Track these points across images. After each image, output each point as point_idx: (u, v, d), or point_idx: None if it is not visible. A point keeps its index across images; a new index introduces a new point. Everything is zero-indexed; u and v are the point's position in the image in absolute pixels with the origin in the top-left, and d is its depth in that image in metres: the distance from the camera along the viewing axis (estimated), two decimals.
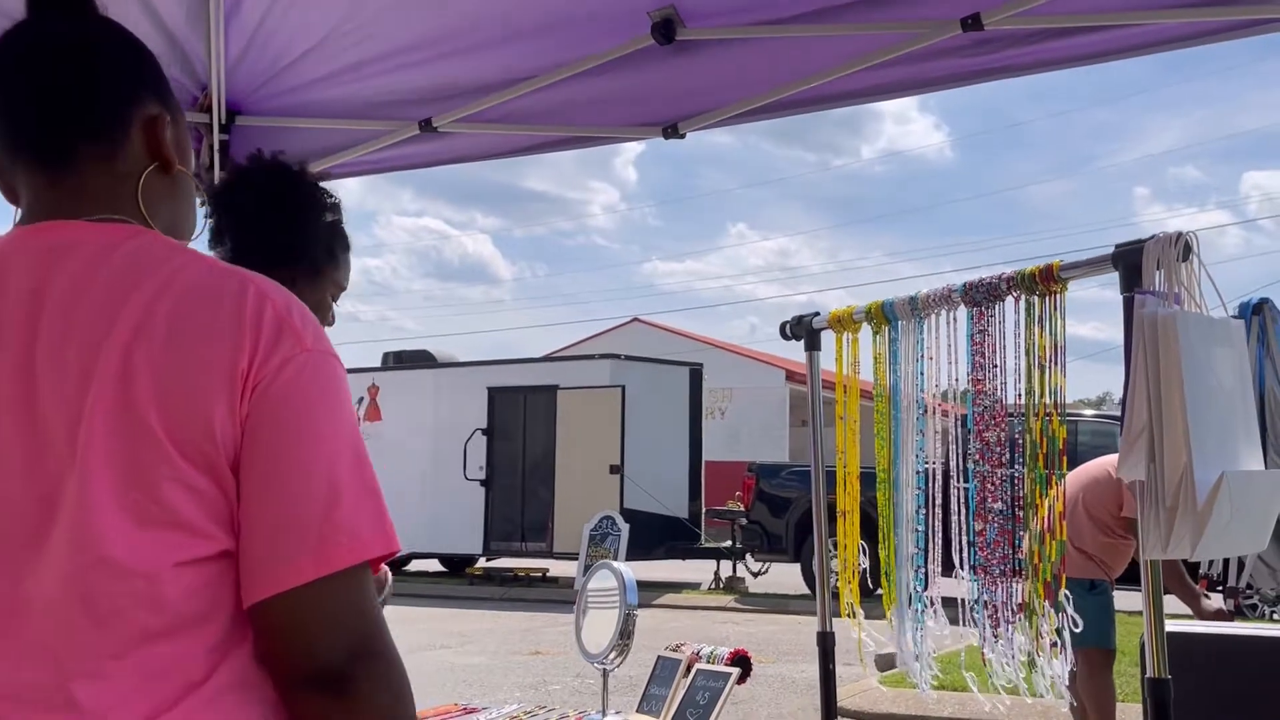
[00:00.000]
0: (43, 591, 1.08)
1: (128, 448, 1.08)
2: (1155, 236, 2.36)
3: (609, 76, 3.23)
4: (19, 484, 1.10)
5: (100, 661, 1.07)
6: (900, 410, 3.01)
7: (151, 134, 1.26)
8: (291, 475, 1.12)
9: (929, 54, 2.91)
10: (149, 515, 1.08)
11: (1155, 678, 2.34)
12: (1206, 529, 2.15)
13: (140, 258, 1.17)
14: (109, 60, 1.27)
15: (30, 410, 1.10)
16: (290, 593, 1.10)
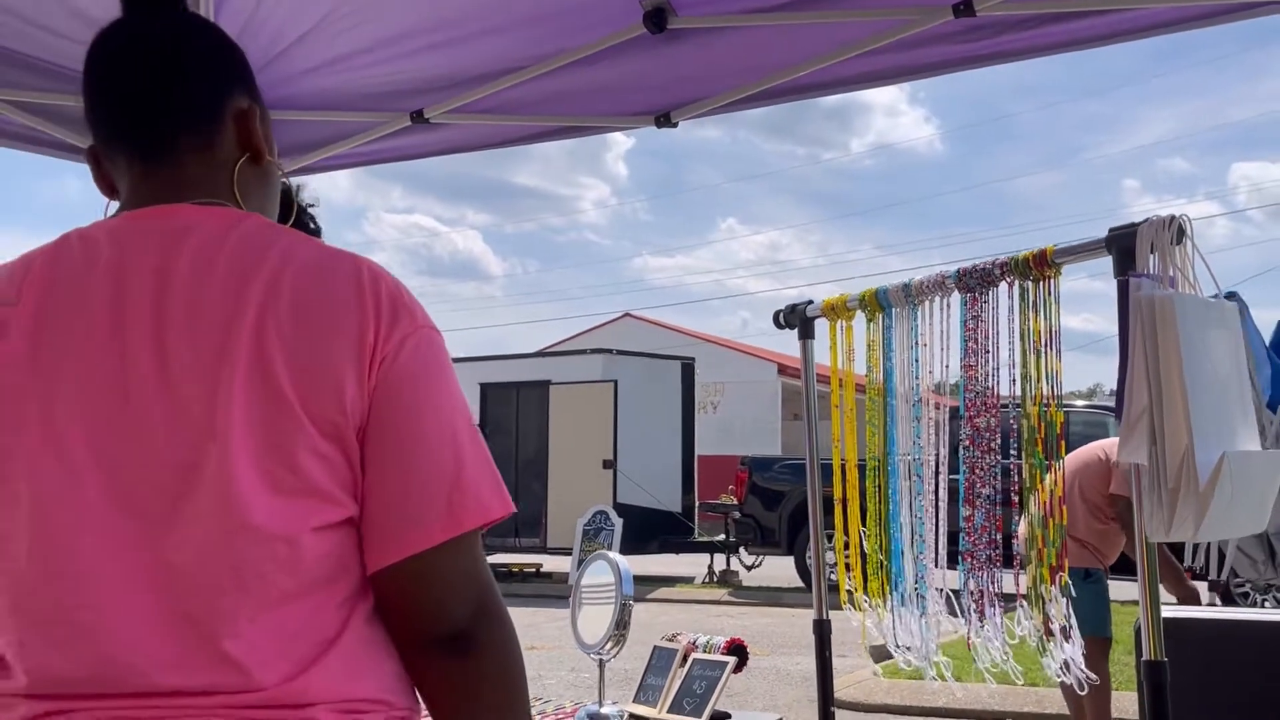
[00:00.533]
0: (184, 558, 1.12)
1: (265, 417, 1.13)
2: (1149, 220, 2.36)
3: (601, 66, 3.22)
4: (159, 455, 1.13)
5: (242, 623, 1.12)
6: (895, 397, 3.01)
7: (244, 126, 1.32)
8: (419, 444, 1.18)
9: (921, 40, 2.91)
10: (286, 483, 1.13)
11: (1152, 660, 2.34)
12: (1209, 510, 2.15)
13: (255, 238, 1.22)
14: (203, 55, 1.32)
15: (165, 384, 1.14)
16: (420, 556, 1.16)
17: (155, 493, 1.13)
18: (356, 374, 1.15)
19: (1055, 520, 2.63)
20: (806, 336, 3.37)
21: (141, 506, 1.13)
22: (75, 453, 1.14)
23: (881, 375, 3.02)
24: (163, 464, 1.13)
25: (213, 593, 1.12)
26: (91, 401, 1.15)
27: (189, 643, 1.12)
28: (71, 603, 1.12)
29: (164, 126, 1.29)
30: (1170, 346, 2.20)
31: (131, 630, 1.12)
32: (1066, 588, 2.61)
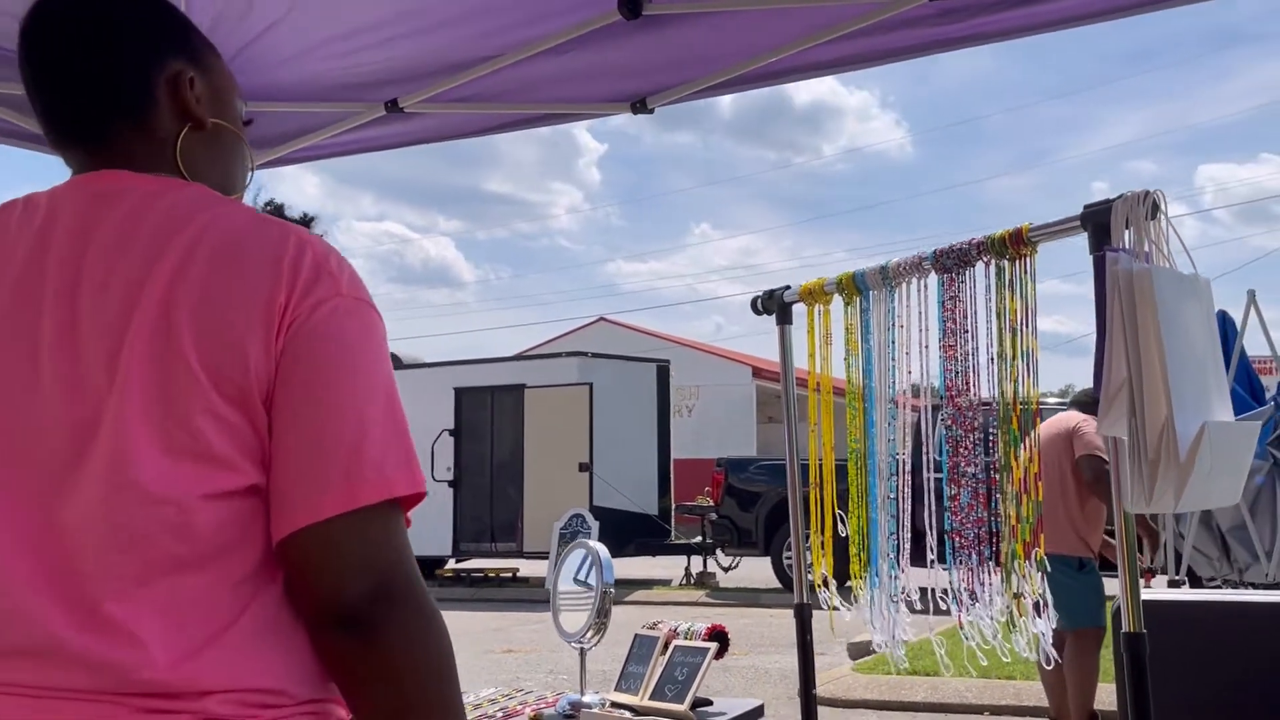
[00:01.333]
0: (74, 516, 1.10)
1: (163, 378, 1.10)
2: (1123, 195, 2.37)
3: (576, 52, 3.21)
4: (57, 411, 1.12)
5: (129, 586, 1.09)
6: (873, 380, 3.01)
7: (176, 95, 1.28)
8: (322, 411, 1.13)
9: (895, 24, 2.92)
10: (180, 445, 1.10)
11: (1131, 632, 2.35)
12: (1189, 481, 2.16)
13: (185, 204, 1.20)
14: (123, 31, 1.27)
15: (72, 342, 1.13)
16: (316, 527, 1.11)
17: (51, 449, 1.11)
18: (263, 336, 1.13)
19: (1030, 497, 2.64)
20: (784, 322, 3.38)
21: (35, 462, 1.12)
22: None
23: (860, 357, 3.03)
24: (61, 421, 1.12)
25: (99, 552, 1.09)
26: (5, 361, 1.14)
27: (73, 601, 1.08)
28: None
29: (94, 114, 1.26)
30: (1148, 319, 2.22)
31: (18, 586, 1.09)
32: (1041, 563, 2.62)
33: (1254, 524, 6.71)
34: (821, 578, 3.22)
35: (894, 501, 2.98)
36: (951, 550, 2.77)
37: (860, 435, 3.07)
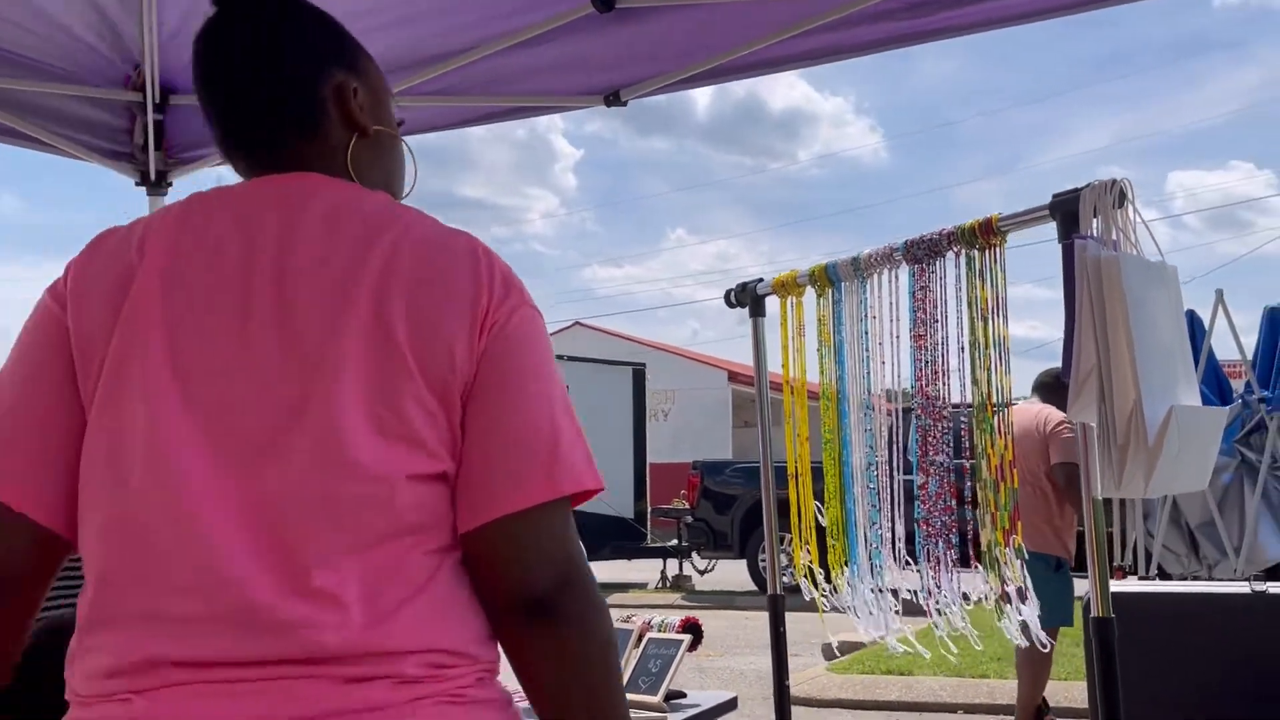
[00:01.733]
0: (279, 487, 1.15)
1: (378, 365, 1.17)
2: (1091, 184, 2.39)
3: (549, 45, 3.22)
4: (266, 388, 1.17)
5: (331, 556, 1.14)
6: (845, 370, 3.03)
7: (341, 104, 1.33)
8: (521, 408, 1.22)
9: (866, 17, 2.94)
10: (390, 428, 1.17)
11: (1100, 617, 2.37)
12: (1158, 465, 2.18)
13: (381, 208, 1.27)
14: (290, 43, 1.33)
15: (283, 327, 1.19)
16: (512, 516, 1.18)
17: (257, 424, 1.17)
18: (468, 336, 1.20)
19: (1006, 484, 2.66)
20: (757, 315, 3.39)
21: (241, 435, 1.16)
22: (193, 382, 1.17)
23: (833, 349, 3.04)
24: (272, 399, 1.17)
25: (304, 523, 1.14)
26: (212, 336, 1.19)
27: (278, 569, 1.13)
28: (170, 524, 1.14)
29: (267, 125, 1.32)
30: (1116, 305, 2.24)
31: (221, 555, 1.13)
32: (1020, 549, 2.64)
33: (1222, 521, 6.76)
34: (805, 569, 3.22)
35: (874, 491, 2.99)
36: (920, 539, 2.78)
37: (834, 427, 3.08)
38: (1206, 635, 3.65)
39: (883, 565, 2.98)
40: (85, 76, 3.57)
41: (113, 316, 1.20)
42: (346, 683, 1.12)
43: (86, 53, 3.46)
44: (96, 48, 3.42)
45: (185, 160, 3.89)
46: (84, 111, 3.67)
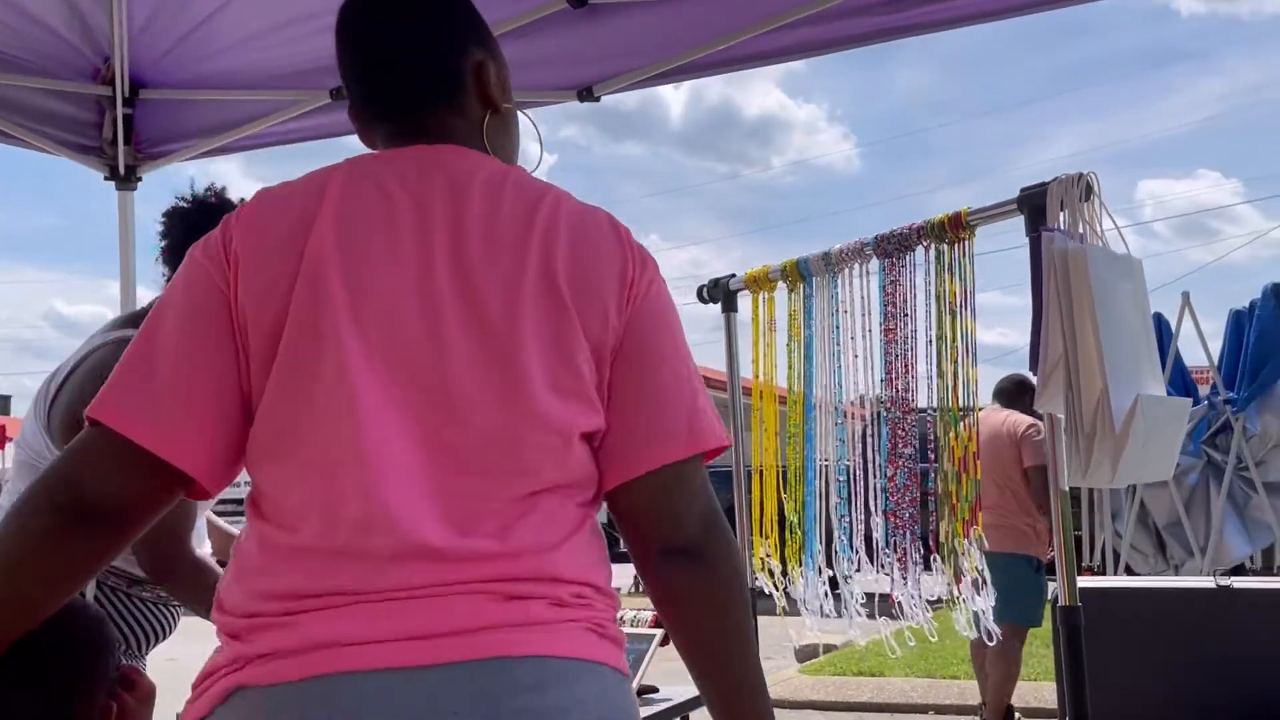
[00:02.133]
0: (463, 437, 1.23)
1: (556, 327, 1.25)
2: (1058, 178, 2.42)
3: (523, 41, 3.22)
4: (455, 344, 1.24)
5: (507, 501, 1.23)
6: (814, 365, 3.04)
7: (480, 81, 1.41)
8: (665, 370, 1.31)
9: (841, 13, 2.96)
10: (566, 385, 1.25)
11: (1068, 606, 2.40)
12: (1124, 453, 2.21)
13: (528, 181, 1.36)
14: (437, 19, 1.41)
15: (466, 287, 1.25)
16: (664, 469, 1.29)
17: (446, 377, 1.23)
18: (617, 301, 1.29)
19: (969, 475, 2.68)
20: (730, 309, 3.41)
21: (429, 387, 1.23)
22: (374, 338, 1.23)
23: (802, 344, 3.06)
24: (457, 353, 1.23)
25: (485, 470, 1.22)
26: (393, 292, 1.24)
27: (459, 510, 1.21)
28: (356, 469, 1.20)
29: (416, 99, 1.39)
30: (1083, 296, 2.26)
31: (413, 498, 1.20)
32: (980, 540, 2.66)
33: (1189, 521, 6.84)
34: (762, 562, 3.24)
35: (843, 484, 3.00)
36: (887, 531, 2.80)
37: (800, 422, 3.10)
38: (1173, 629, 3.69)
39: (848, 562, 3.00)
40: (54, 69, 3.54)
41: (291, 271, 1.25)
42: (507, 599, 1.19)
43: (56, 45, 3.44)
44: (68, 40, 3.40)
45: (154, 155, 3.87)
46: (52, 105, 3.64)
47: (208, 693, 1.21)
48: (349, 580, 1.18)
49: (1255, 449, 6.85)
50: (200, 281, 1.28)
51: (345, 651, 1.15)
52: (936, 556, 2.69)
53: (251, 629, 1.20)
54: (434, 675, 1.15)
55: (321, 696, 1.14)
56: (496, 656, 1.16)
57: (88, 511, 1.22)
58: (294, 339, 1.23)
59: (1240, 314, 7.08)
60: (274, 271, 1.24)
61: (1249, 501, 6.90)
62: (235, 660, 1.20)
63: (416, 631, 1.16)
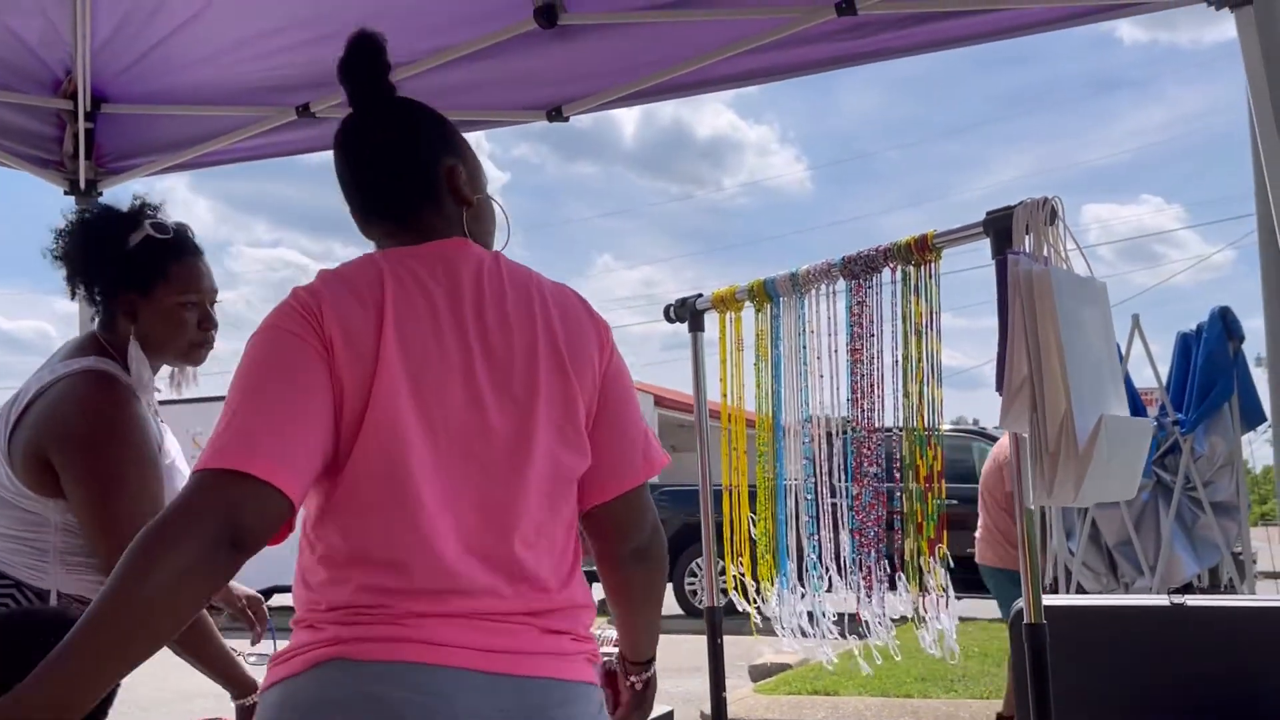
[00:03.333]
0: (511, 496, 1.53)
1: (561, 390, 1.58)
2: (1023, 202, 2.47)
3: (492, 61, 3.24)
4: (495, 418, 1.53)
5: (542, 542, 1.55)
6: (782, 385, 3.07)
7: (452, 182, 1.68)
8: (629, 414, 1.69)
9: (806, 38, 3.00)
10: (572, 440, 1.58)
11: (1032, 623, 2.43)
12: (1088, 473, 2.25)
13: (515, 266, 1.66)
14: (419, 136, 1.68)
15: (496, 366, 1.55)
16: (630, 491, 1.66)
17: (491, 445, 1.52)
18: (598, 366, 1.64)
19: (933, 494, 2.72)
20: (696, 329, 3.43)
21: (477, 455, 1.52)
22: (436, 421, 1.50)
23: (770, 363, 3.08)
24: (498, 425, 1.53)
25: (524, 518, 1.53)
26: (446, 383, 1.52)
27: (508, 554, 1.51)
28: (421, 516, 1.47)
29: (403, 201, 1.66)
30: (1048, 317, 2.31)
31: (476, 548, 1.50)
32: (945, 559, 2.70)
33: (1139, 539, 6.94)
34: (736, 581, 3.26)
35: (811, 502, 3.03)
36: (853, 548, 2.83)
37: (769, 440, 3.12)
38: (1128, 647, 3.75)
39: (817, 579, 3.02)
40: (15, 82, 3.51)
41: (372, 356, 1.49)
42: (545, 632, 1.53)
43: (20, 56, 3.41)
44: (33, 51, 3.37)
45: (115, 170, 3.84)
46: (12, 118, 3.60)
47: (296, 659, 1.47)
48: (441, 605, 1.47)
49: (1203, 469, 6.98)
50: (302, 352, 1.49)
51: (430, 648, 1.44)
52: (901, 575, 2.72)
53: (348, 619, 1.46)
54: (491, 680, 1.46)
55: (404, 676, 1.43)
56: (540, 676, 1.50)
57: (237, 544, 1.39)
58: (378, 416, 1.48)
59: (1187, 336, 7.22)
60: (360, 360, 1.49)
61: (1197, 521, 7.02)
62: (328, 640, 1.46)
63: (485, 646, 1.47)
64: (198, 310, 2.34)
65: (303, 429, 1.45)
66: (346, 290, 1.53)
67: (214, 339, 2.42)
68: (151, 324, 2.30)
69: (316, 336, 1.49)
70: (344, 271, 1.57)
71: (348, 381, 1.48)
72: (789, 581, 3.12)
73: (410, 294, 1.54)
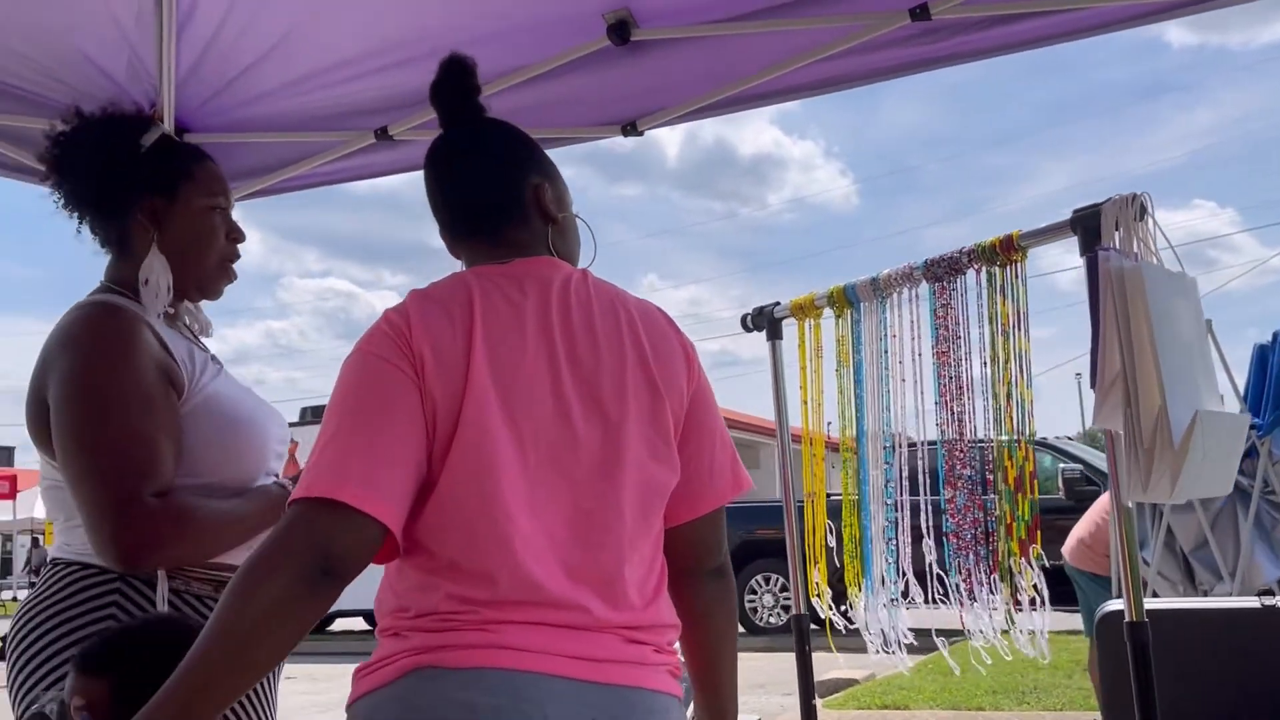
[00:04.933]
0: (602, 510, 1.54)
1: (650, 406, 1.60)
2: (1112, 199, 2.47)
3: (566, 78, 3.28)
4: (586, 432, 1.55)
5: (635, 551, 1.57)
6: (865, 390, 3.07)
7: (539, 200, 1.74)
8: (717, 433, 1.70)
9: (879, 44, 3.01)
10: (661, 454, 1.60)
11: (1134, 621, 2.41)
12: (1184, 468, 2.24)
13: (600, 282, 1.69)
14: (507, 157, 1.74)
15: (585, 382, 1.57)
16: (715, 510, 1.69)
17: (582, 459, 1.54)
18: (685, 381, 1.66)
19: (1024, 495, 2.71)
20: (775, 337, 3.44)
21: (568, 469, 1.54)
22: (527, 438, 1.52)
23: (851, 369, 3.09)
24: (589, 439, 1.55)
25: (627, 529, 1.55)
26: (536, 399, 1.54)
27: (597, 566, 1.52)
28: (509, 529, 1.49)
29: (490, 219, 1.72)
30: (1140, 313, 2.30)
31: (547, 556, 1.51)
32: (1039, 558, 2.69)
33: (1216, 544, 6.83)
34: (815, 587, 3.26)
35: (891, 508, 3.03)
36: (950, 552, 2.82)
37: (852, 446, 3.12)
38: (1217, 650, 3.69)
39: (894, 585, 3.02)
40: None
41: (461, 378, 1.52)
42: (630, 643, 1.54)
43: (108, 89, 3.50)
44: (120, 84, 3.45)
45: None
46: None
47: (385, 669, 1.49)
48: (528, 614, 1.49)
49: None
50: (394, 376, 1.52)
51: (518, 654, 1.46)
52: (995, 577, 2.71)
53: (436, 625, 1.48)
54: (577, 687, 1.47)
55: (493, 683, 1.44)
56: (625, 684, 1.51)
57: (330, 572, 1.43)
58: (468, 434, 1.50)
59: (1264, 348, 7.16)
60: (451, 379, 1.52)
61: (1276, 525, 6.91)
62: (416, 648, 1.48)
63: (571, 653, 1.48)
64: (225, 219, 2.17)
65: (393, 453, 1.48)
66: (436, 308, 1.56)
67: (239, 256, 2.21)
68: (180, 231, 2.10)
69: (406, 358, 1.52)
70: (433, 291, 1.60)
71: (439, 398, 1.50)
72: (874, 589, 3.12)
73: (498, 310, 1.57)
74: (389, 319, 1.57)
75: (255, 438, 2.11)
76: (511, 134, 1.80)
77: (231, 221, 2.18)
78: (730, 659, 1.77)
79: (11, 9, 2.95)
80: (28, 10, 2.99)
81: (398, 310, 1.58)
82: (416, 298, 1.60)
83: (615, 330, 1.61)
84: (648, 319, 1.66)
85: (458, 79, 1.81)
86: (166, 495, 1.89)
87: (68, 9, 3.04)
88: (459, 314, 1.56)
